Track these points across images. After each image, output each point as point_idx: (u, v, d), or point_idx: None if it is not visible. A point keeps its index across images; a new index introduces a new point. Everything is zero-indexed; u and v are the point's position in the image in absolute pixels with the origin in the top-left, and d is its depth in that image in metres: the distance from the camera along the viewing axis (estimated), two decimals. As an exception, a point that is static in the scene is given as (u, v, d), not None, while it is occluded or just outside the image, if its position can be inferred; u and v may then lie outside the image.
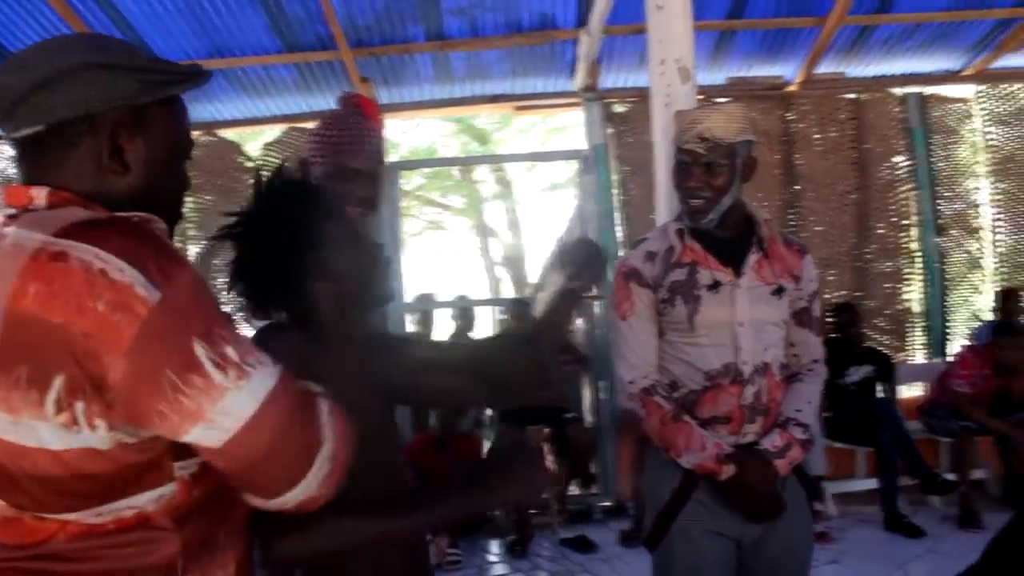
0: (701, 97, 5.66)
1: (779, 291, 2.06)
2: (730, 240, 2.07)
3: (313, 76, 5.37)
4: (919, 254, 5.94)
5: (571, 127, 10.81)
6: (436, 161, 12.56)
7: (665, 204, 2.36)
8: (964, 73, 5.98)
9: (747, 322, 2.02)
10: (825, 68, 5.79)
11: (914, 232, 5.95)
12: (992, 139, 6.03)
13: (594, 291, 1.69)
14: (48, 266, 0.94)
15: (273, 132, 5.98)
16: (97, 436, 0.96)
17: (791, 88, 5.87)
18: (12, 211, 1.05)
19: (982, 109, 6.02)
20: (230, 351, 0.99)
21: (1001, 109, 6.03)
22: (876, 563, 4.16)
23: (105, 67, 1.06)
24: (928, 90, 5.93)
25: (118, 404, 0.95)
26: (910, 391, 5.92)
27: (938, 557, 4.29)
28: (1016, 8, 5.32)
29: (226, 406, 0.98)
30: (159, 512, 1.05)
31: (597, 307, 5.75)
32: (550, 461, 5.41)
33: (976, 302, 6.02)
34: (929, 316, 5.92)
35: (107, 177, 1.09)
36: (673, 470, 2.04)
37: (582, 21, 5.14)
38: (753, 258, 2.05)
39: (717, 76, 5.87)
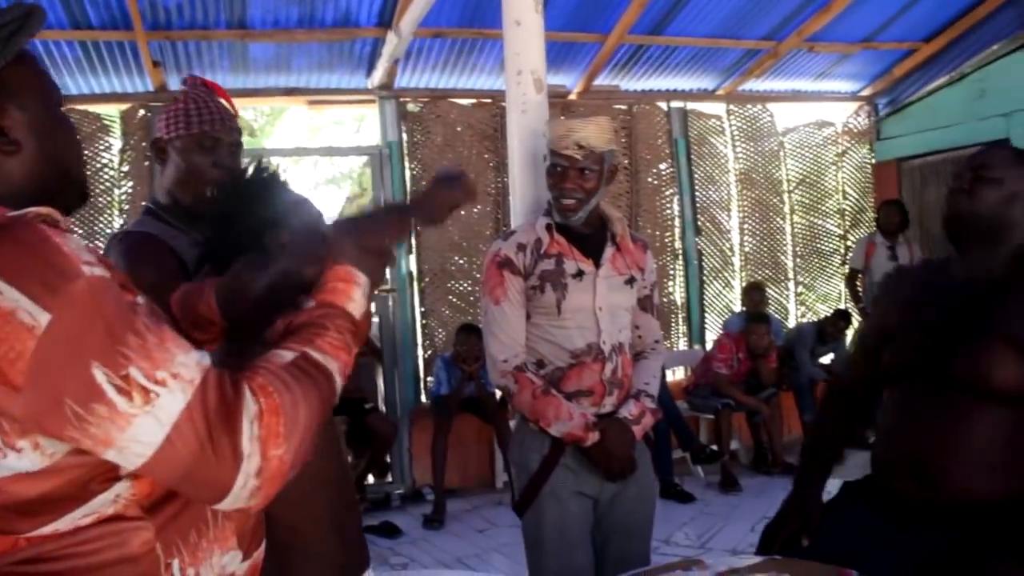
0: (488, 101, 6.08)
1: (630, 281, 2.37)
2: (589, 235, 2.35)
3: (100, 56, 5.06)
4: (681, 252, 6.65)
5: (346, 122, 10.82)
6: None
7: (519, 200, 2.59)
8: (718, 93, 6.77)
9: (605, 307, 2.31)
10: (602, 80, 6.31)
11: (676, 232, 6.66)
12: (739, 152, 6.88)
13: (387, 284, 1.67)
14: None
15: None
16: (27, 457, 0.92)
17: (572, 97, 6.34)
18: None
19: (731, 125, 6.86)
20: (134, 371, 0.89)
21: (745, 127, 6.89)
22: (657, 527, 4.60)
23: None
24: (689, 105, 6.67)
25: (31, 431, 0.91)
26: (673, 375, 6.63)
27: (708, 517, 4.93)
28: (761, 40, 6.12)
29: (135, 434, 0.89)
30: (124, 507, 0.99)
31: (391, 301, 5.92)
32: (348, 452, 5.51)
33: (728, 295, 6.85)
34: (689, 308, 6.66)
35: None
36: (542, 440, 2.29)
37: (383, 21, 5.27)
38: (609, 251, 2.35)
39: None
